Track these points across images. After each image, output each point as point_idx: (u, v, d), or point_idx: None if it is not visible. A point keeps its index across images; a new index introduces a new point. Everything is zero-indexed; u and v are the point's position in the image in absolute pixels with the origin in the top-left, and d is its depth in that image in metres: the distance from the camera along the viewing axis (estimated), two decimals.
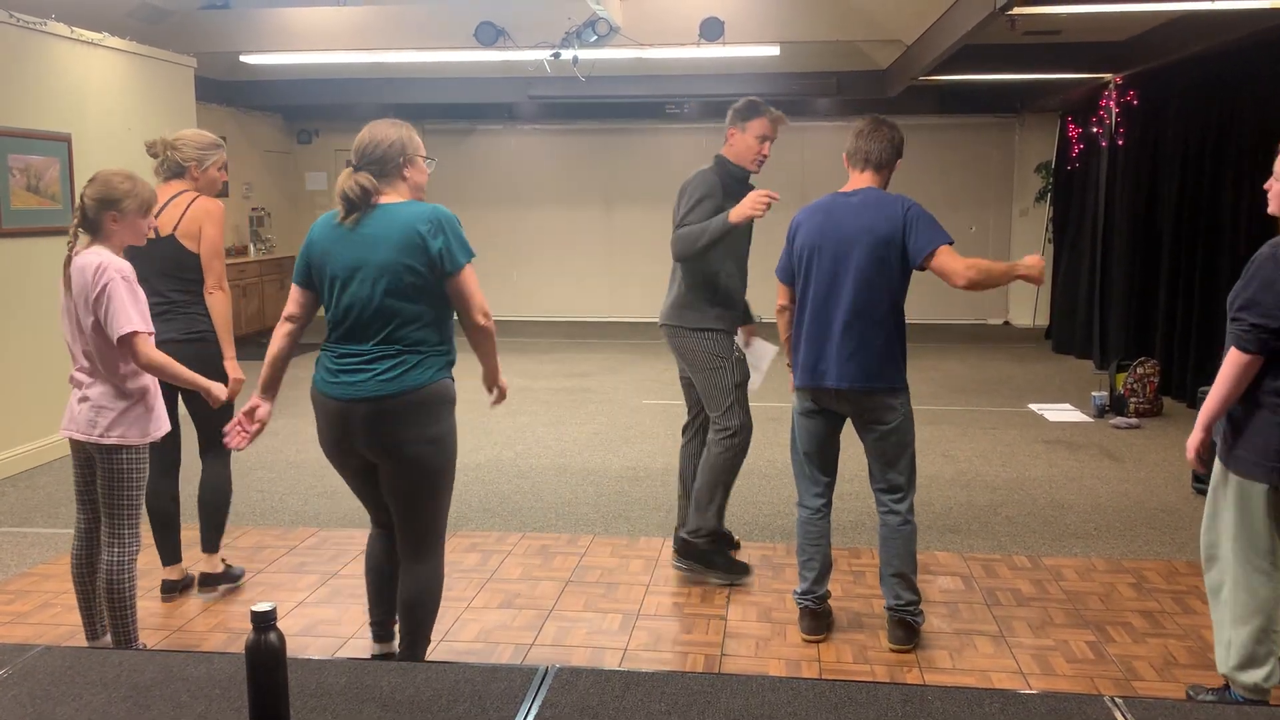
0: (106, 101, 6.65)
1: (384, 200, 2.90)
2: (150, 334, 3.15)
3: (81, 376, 3.22)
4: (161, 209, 3.79)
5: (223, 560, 4.16)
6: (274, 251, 11.69)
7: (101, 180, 3.20)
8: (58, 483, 5.60)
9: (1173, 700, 1.78)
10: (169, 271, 3.82)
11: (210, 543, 4.08)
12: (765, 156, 4.07)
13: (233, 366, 3.90)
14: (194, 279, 3.85)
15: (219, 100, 10.65)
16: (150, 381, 3.27)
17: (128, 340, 3.10)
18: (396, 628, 3.22)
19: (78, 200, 3.20)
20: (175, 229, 3.80)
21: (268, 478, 5.73)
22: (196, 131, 3.97)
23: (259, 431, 3.15)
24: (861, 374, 3.41)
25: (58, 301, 3.29)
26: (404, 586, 3.06)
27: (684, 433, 4.40)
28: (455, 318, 2.96)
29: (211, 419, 3.88)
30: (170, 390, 3.81)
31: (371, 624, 3.26)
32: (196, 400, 3.80)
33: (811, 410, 3.57)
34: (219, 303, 3.87)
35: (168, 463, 4.03)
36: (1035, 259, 3.36)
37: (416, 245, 2.82)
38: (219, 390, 3.34)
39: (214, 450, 4.05)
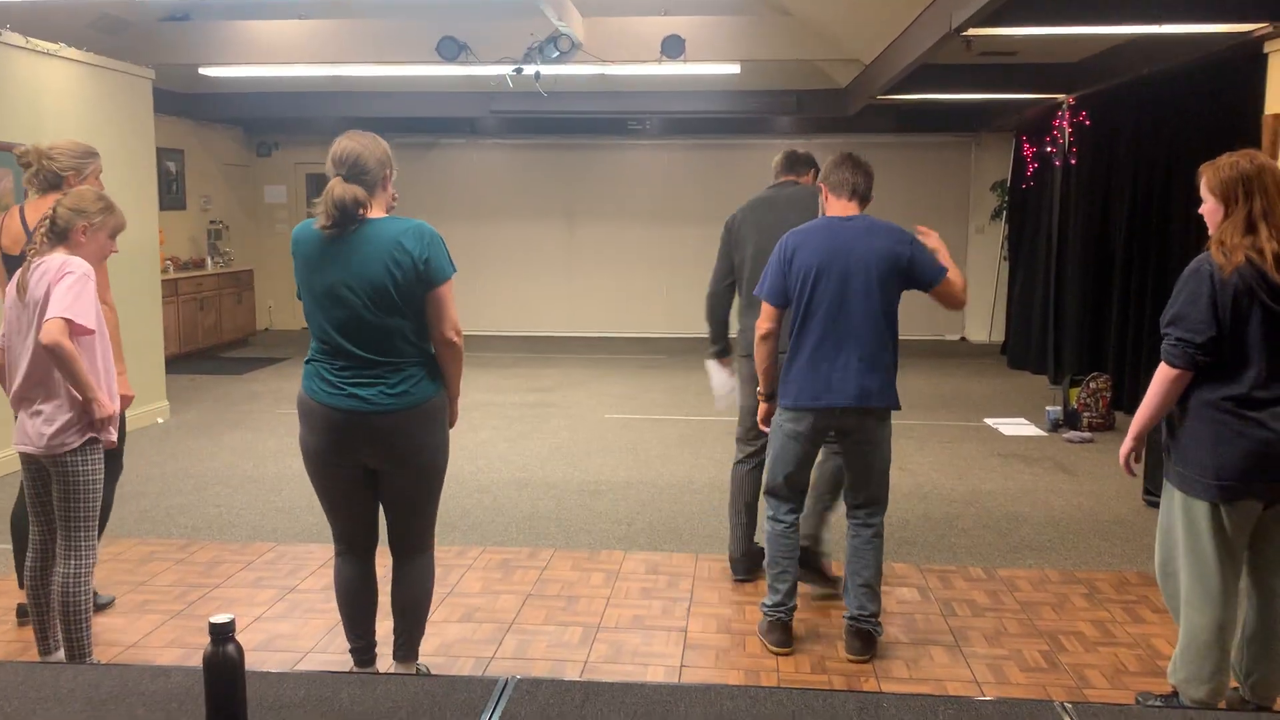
0: (63, 112, 6.57)
1: (369, 215, 2.93)
2: (89, 331, 3.06)
3: (31, 393, 3.16)
4: (40, 224, 3.60)
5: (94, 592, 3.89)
6: (232, 265, 11.58)
7: (78, 194, 3.22)
8: (7, 499, 5.50)
9: (1121, 705, 1.82)
10: None
11: None
12: None
13: (122, 383, 3.78)
14: None
15: (177, 112, 10.56)
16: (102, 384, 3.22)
17: (55, 322, 2.97)
18: (377, 650, 3.29)
19: (49, 210, 3.17)
20: None
21: (224, 493, 5.67)
22: (71, 140, 3.78)
23: None
24: (875, 393, 3.49)
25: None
26: (401, 585, 3.18)
27: (746, 460, 4.35)
28: None
29: None
30: None
31: (352, 650, 3.25)
32: None
33: (804, 433, 3.57)
34: (104, 316, 3.76)
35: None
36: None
37: (405, 258, 2.87)
38: (105, 409, 3.14)
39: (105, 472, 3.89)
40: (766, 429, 3.76)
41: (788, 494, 3.67)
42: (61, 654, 3.36)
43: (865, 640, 3.62)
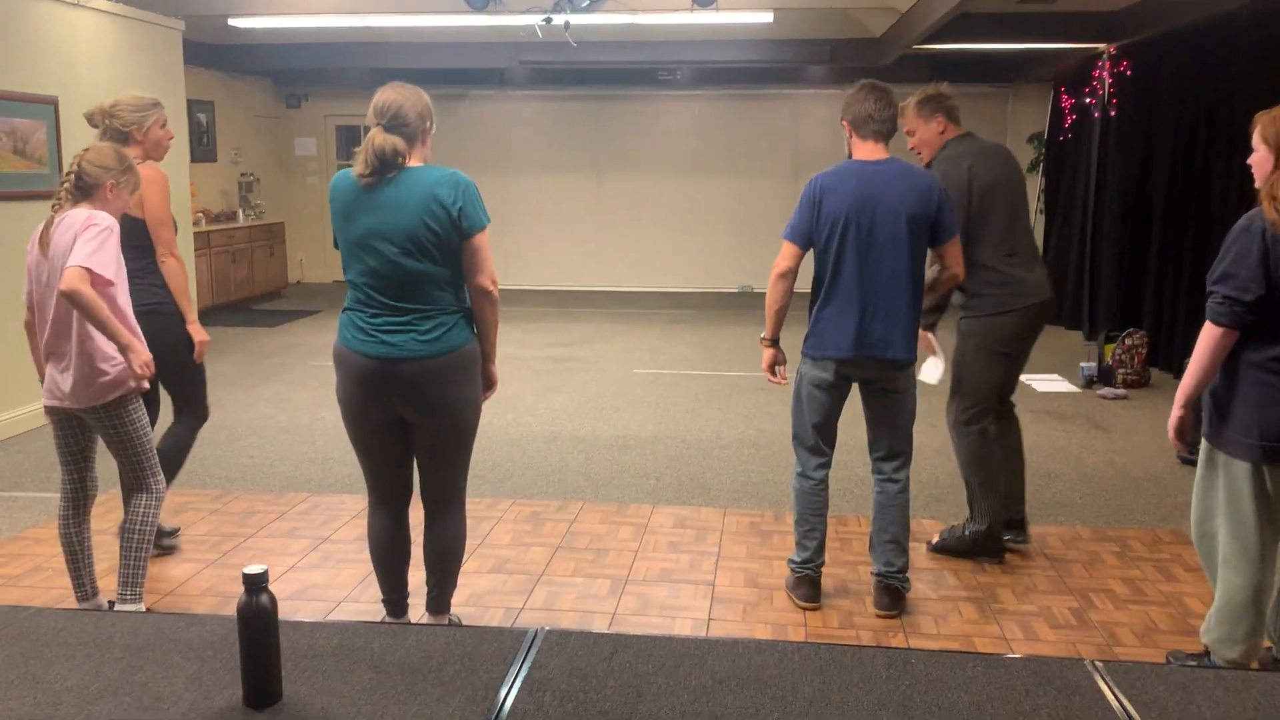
0: (93, 64, 6.58)
1: (407, 164, 2.93)
2: (109, 283, 3.07)
3: (59, 348, 3.18)
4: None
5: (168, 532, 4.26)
6: (263, 217, 11.62)
7: (99, 151, 3.22)
8: (48, 447, 5.60)
9: (1152, 664, 1.81)
10: (122, 241, 3.81)
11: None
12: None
13: (196, 329, 3.90)
14: (147, 246, 3.80)
15: (207, 64, 10.55)
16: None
17: (74, 270, 2.97)
18: (410, 600, 3.33)
19: (72, 166, 3.17)
20: None
21: (258, 443, 5.73)
22: (133, 94, 3.87)
23: None
24: (903, 343, 3.47)
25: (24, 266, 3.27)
26: (433, 538, 3.21)
27: (971, 422, 4.06)
28: None
29: (180, 393, 4.00)
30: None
31: (385, 601, 3.30)
32: (162, 370, 3.71)
33: (830, 382, 3.54)
34: (171, 270, 3.83)
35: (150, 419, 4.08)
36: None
37: (439, 207, 2.88)
38: (141, 354, 3.16)
39: (183, 414, 4.09)
40: (772, 377, 3.71)
41: (815, 445, 3.63)
42: (100, 600, 3.42)
43: (894, 596, 3.62)
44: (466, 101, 12.34)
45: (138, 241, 3.80)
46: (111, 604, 3.44)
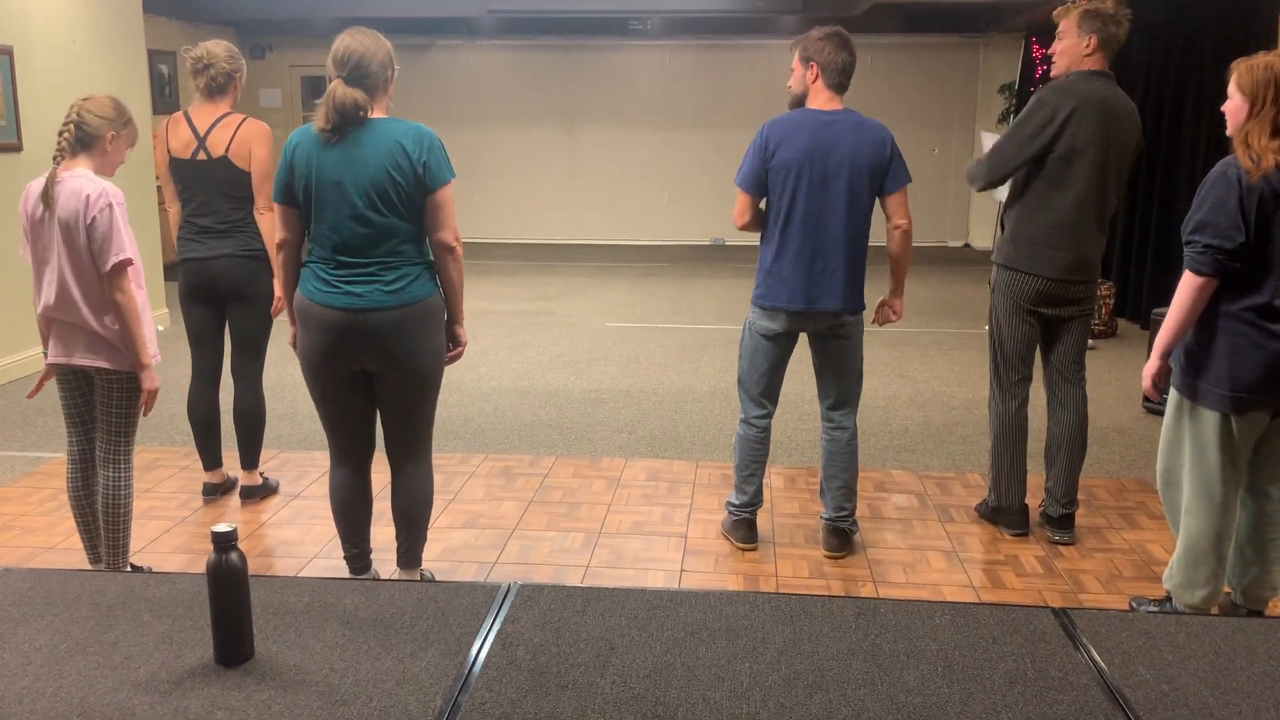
0: (49, 13, 6.40)
1: (370, 116, 2.89)
2: (131, 262, 3.07)
3: (69, 306, 3.10)
4: (210, 129, 3.84)
5: (260, 474, 4.29)
6: None
7: (101, 99, 3.13)
8: (7, 405, 5.53)
9: (1116, 610, 1.84)
10: (226, 191, 3.87)
11: (249, 460, 4.20)
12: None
13: (279, 285, 3.90)
14: (248, 197, 3.90)
15: (167, 13, 10.30)
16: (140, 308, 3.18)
17: (121, 266, 3.03)
18: (381, 557, 3.35)
19: (71, 116, 3.07)
20: (227, 150, 3.83)
21: (226, 400, 5.67)
22: (223, 43, 3.92)
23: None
24: (852, 295, 3.52)
25: (17, 222, 3.19)
26: (400, 494, 3.20)
27: (1008, 393, 3.90)
28: None
29: (247, 336, 4.06)
30: (216, 300, 3.97)
31: (347, 558, 3.29)
32: (236, 312, 3.98)
33: (778, 333, 3.58)
34: (269, 223, 3.89)
35: (209, 371, 4.13)
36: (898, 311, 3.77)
37: (403, 161, 2.85)
38: (152, 380, 3.17)
39: (246, 368, 4.12)
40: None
41: (759, 396, 3.70)
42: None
43: (842, 538, 3.71)
44: (434, 51, 12.14)
45: (240, 192, 3.89)
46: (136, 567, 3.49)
